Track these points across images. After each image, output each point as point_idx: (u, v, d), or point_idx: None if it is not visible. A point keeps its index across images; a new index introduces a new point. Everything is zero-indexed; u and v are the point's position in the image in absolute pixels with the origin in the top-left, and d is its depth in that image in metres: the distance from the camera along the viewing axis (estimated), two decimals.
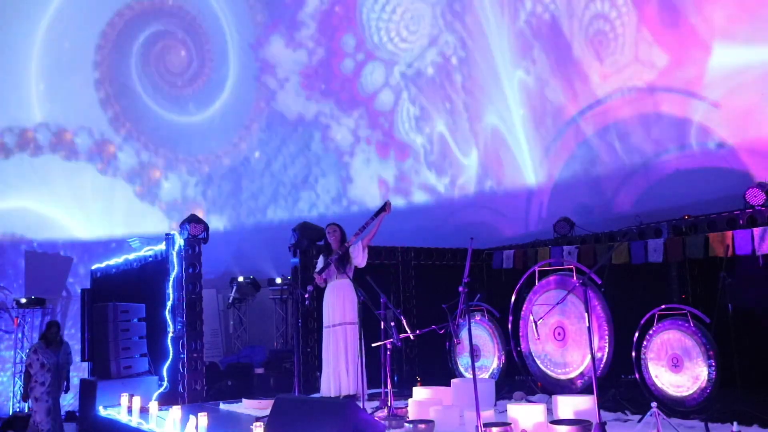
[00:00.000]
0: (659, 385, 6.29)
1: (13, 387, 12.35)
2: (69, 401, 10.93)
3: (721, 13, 8.76)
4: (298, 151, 14.05)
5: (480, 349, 8.06)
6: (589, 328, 5.48)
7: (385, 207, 7.25)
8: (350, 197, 13.69)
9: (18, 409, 12.11)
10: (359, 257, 7.26)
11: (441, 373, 8.30)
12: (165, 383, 8.37)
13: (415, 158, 12.94)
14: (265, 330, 13.09)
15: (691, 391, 6.08)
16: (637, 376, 6.43)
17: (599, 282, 5.68)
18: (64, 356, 9.13)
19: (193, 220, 8.52)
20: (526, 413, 5.64)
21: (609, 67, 10.02)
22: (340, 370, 7.10)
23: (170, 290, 8.39)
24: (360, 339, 6.61)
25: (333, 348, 7.16)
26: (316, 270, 7.35)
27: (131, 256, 10.02)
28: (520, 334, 7.56)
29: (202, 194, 14.23)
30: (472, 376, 5.46)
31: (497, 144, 11.58)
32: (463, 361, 8.26)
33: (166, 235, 8.64)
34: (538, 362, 7.37)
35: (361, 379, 6.59)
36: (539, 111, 10.97)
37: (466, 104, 12.14)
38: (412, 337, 6.86)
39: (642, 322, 6.37)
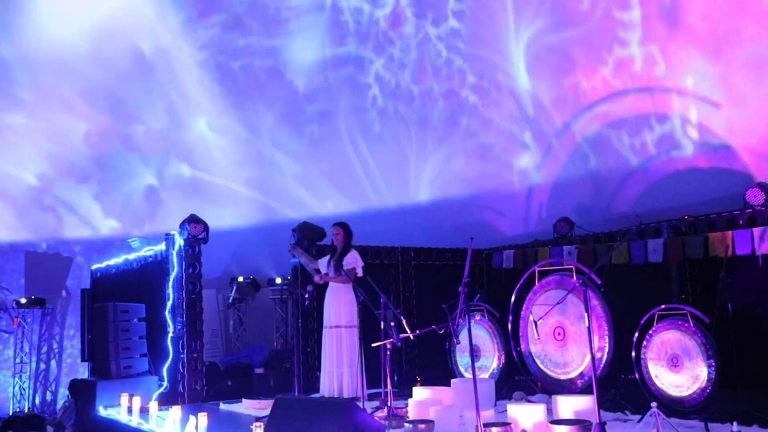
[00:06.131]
0: (659, 385, 6.30)
1: (13, 387, 12.35)
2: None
3: (722, 13, 8.76)
4: None
5: (480, 349, 8.06)
6: (589, 328, 5.48)
7: (292, 253, 7.69)
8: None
9: (18, 409, 12.12)
10: (352, 276, 7.08)
11: (441, 373, 8.31)
12: (165, 383, 8.37)
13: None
14: (265, 330, 13.08)
15: (690, 391, 6.09)
16: (637, 376, 6.44)
17: (599, 282, 5.67)
18: None
19: (193, 220, 8.52)
20: (526, 413, 5.64)
21: (609, 66, 10.02)
22: (333, 372, 7.11)
23: (170, 290, 8.38)
24: (359, 341, 6.61)
25: (328, 349, 7.19)
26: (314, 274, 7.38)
27: (131, 256, 10.01)
28: (520, 334, 7.56)
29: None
30: (472, 376, 5.46)
31: (497, 143, 11.58)
32: (463, 361, 8.26)
33: (166, 235, 8.63)
34: (538, 362, 7.37)
35: (360, 381, 6.60)
36: (539, 110, 10.97)
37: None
38: (412, 337, 6.85)
39: (642, 322, 6.38)
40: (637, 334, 6.42)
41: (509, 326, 7.63)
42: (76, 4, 12.40)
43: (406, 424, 5.84)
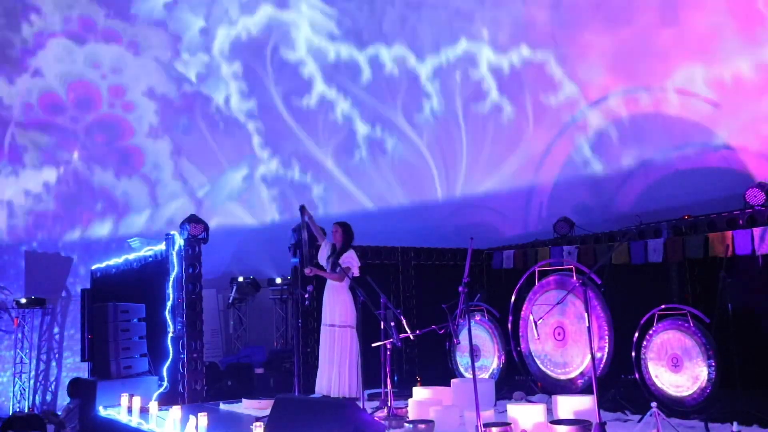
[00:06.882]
0: (659, 385, 6.30)
1: (13, 387, 12.36)
2: None
3: (721, 12, 8.76)
4: None
5: (480, 349, 8.07)
6: (589, 328, 5.49)
7: (302, 211, 7.34)
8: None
9: (18, 409, 12.12)
10: (350, 273, 7.07)
11: (441, 373, 8.31)
12: (165, 383, 8.38)
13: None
14: (265, 330, 13.08)
15: (691, 391, 6.09)
16: (637, 376, 6.44)
17: (599, 282, 5.68)
18: None
19: (193, 220, 8.52)
20: (526, 413, 5.64)
21: (609, 66, 10.02)
22: (325, 370, 7.10)
23: (170, 290, 8.38)
24: (355, 341, 6.59)
25: (322, 347, 7.20)
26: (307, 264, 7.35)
27: (131, 256, 10.01)
28: (520, 334, 7.57)
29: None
30: (472, 376, 5.47)
31: (497, 143, 11.58)
32: (463, 361, 8.27)
33: (166, 235, 8.63)
34: (538, 362, 7.37)
35: (351, 381, 6.60)
36: (539, 110, 10.97)
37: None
38: (412, 337, 6.86)
39: (642, 322, 6.38)
40: (637, 334, 6.43)
41: (509, 326, 7.64)
42: None
43: (406, 424, 5.85)
